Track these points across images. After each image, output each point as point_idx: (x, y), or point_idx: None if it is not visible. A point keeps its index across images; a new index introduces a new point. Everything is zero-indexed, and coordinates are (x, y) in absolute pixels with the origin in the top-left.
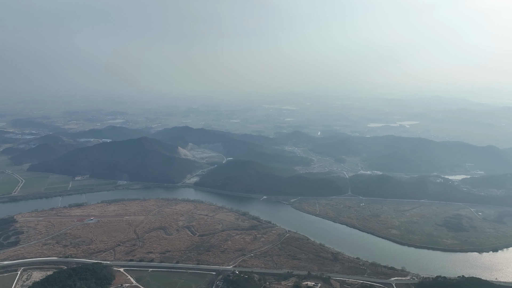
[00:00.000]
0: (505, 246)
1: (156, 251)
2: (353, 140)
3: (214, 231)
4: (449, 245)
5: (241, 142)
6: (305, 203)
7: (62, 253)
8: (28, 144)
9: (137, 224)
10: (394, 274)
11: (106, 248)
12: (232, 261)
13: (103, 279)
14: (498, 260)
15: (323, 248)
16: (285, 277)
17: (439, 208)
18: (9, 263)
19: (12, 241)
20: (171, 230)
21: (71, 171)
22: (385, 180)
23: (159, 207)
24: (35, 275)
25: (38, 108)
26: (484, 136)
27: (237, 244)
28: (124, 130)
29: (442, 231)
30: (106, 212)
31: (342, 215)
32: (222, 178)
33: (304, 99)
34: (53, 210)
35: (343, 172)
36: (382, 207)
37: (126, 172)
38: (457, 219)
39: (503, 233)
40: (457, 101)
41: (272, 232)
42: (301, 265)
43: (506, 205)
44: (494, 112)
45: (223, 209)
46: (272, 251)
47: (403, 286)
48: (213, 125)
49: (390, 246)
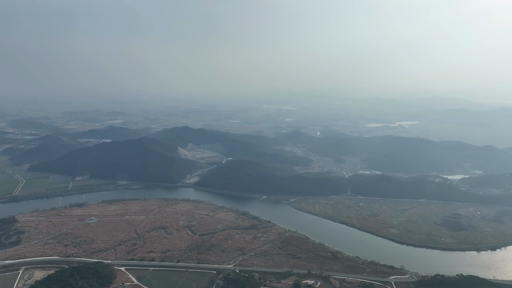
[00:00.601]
0: (503, 245)
1: (156, 251)
2: (352, 140)
3: (214, 231)
4: (447, 244)
5: (241, 142)
6: (304, 202)
7: (63, 253)
8: (28, 145)
9: (137, 223)
10: (393, 273)
11: (107, 248)
12: (232, 260)
13: (105, 278)
14: (496, 259)
15: (322, 247)
16: (285, 276)
17: (438, 207)
18: (11, 262)
19: (13, 241)
20: (171, 229)
21: (71, 171)
22: (384, 180)
23: (160, 207)
24: (36, 274)
25: (37, 108)
26: (483, 136)
27: (237, 243)
28: (124, 130)
29: (441, 230)
30: (106, 212)
31: (341, 215)
32: (222, 178)
33: (303, 100)
34: (54, 210)
35: (343, 172)
36: (381, 206)
37: (126, 172)
38: (455, 218)
39: (501, 232)
40: (456, 101)
41: (272, 231)
42: (301, 264)
43: (504, 204)
44: (493, 113)
45: (223, 209)
46: (272, 250)
47: (402, 284)
48: (213, 125)
49: (389, 245)
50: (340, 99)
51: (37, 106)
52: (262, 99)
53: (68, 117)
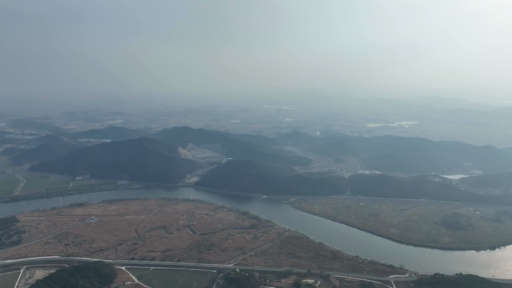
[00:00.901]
0: (502, 244)
1: (157, 250)
2: (352, 140)
3: (215, 230)
4: (447, 244)
5: (241, 142)
6: (304, 202)
7: (64, 252)
8: (28, 145)
9: (138, 223)
10: (393, 272)
11: (108, 247)
12: (232, 259)
13: (105, 277)
14: (496, 258)
15: (322, 246)
16: (285, 275)
17: (437, 207)
18: (12, 261)
19: (14, 240)
20: (172, 229)
21: (71, 171)
22: (384, 180)
23: (160, 207)
24: (37, 274)
25: (37, 108)
26: (483, 136)
27: (238, 243)
28: (124, 130)
29: (440, 229)
30: (107, 211)
31: (341, 214)
32: (222, 178)
33: (303, 100)
34: (55, 210)
35: (342, 172)
36: (381, 206)
37: (127, 172)
38: (455, 218)
39: (501, 231)
40: (455, 101)
41: (272, 231)
42: (300, 263)
43: (503, 204)
44: (493, 113)
45: (223, 209)
46: (272, 249)
47: (402, 283)
48: (213, 125)
49: (388, 245)
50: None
51: (37, 106)
52: (262, 99)
53: (68, 117)
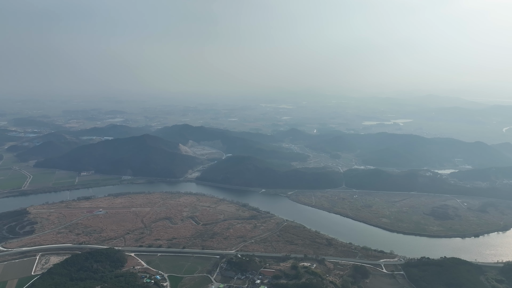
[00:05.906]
0: (486, 232)
1: (163, 238)
2: (348, 137)
3: (217, 221)
4: (435, 232)
5: (240, 139)
6: (301, 195)
7: (76, 240)
8: (32, 142)
9: (143, 214)
10: (383, 257)
11: (117, 236)
12: (234, 246)
13: (117, 262)
14: (479, 244)
15: (318, 234)
16: (283, 259)
17: (427, 199)
18: (28, 249)
19: (27, 230)
20: (176, 220)
21: (76, 167)
22: (377, 174)
23: (164, 200)
24: (52, 259)
25: (37, 107)
26: (475, 133)
27: (239, 232)
28: (125, 128)
29: (429, 219)
30: (113, 204)
31: (336, 206)
32: (222, 173)
33: (300, 98)
34: (63, 203)
35: (338, 167)
36: (374, 198)
37: (130, 168)
38: (443, 209)
39: (485, 221)
40: (450, 99)
41: (271, 221)
42: (298, 249)
43: (490, 196)
44: (486, 111)
45: (224, 201)
46: (271, 237)
47: (391, 266)
48: (212, 123)
49: (380, 233)
50: (336, 98)
51: (36, 105)
52: (260, 98)
53: (68, 116)
